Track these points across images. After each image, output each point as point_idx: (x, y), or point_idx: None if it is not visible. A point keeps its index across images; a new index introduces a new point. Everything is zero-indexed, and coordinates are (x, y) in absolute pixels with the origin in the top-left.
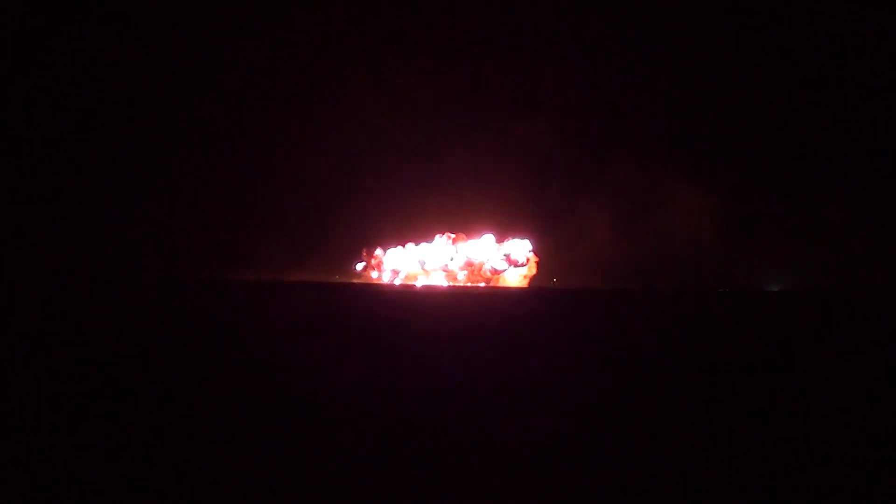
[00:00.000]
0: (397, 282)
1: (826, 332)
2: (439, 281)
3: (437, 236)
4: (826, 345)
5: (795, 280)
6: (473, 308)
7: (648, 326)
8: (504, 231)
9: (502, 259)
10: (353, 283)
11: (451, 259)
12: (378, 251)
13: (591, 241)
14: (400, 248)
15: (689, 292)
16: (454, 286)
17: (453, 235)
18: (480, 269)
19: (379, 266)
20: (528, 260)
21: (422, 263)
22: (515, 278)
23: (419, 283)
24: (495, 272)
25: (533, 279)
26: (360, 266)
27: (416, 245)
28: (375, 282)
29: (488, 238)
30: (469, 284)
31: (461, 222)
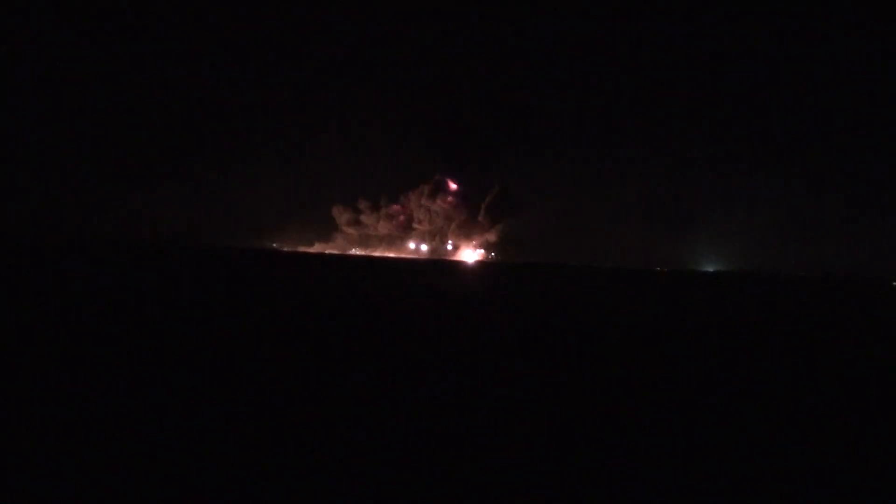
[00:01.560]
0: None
1: (763, 311)
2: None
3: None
4: (761, 324)
5: (730, 260)
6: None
7: (593, 303)
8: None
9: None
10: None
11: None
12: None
13: (547, 220)
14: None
15: (632, 271)
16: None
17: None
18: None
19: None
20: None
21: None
22: (471, 252)
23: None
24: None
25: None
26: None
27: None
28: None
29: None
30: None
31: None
